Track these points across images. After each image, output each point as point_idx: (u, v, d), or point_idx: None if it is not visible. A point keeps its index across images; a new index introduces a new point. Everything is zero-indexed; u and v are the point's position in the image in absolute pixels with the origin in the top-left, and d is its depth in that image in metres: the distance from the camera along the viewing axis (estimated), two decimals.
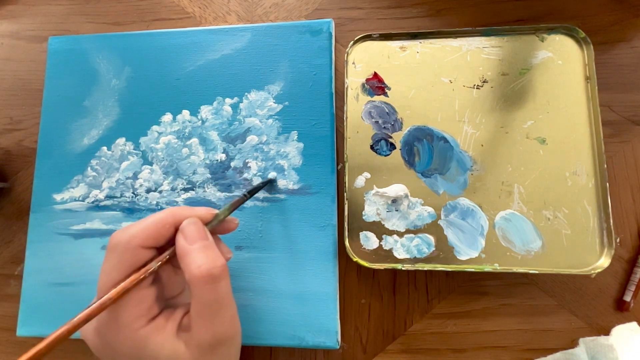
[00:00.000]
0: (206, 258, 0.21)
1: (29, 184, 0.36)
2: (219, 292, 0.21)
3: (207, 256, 0.21)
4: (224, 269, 0.22)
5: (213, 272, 0.21)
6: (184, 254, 0.21)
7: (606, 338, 0.28)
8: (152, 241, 0.22)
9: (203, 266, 0.21)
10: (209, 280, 0.21)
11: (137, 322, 0.21)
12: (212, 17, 0.39)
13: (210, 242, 0.22)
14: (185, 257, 0.21)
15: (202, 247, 0.22)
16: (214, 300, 0.21)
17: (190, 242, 0.22)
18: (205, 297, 0.21)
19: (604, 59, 0.33)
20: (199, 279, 0.21)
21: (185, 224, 0.22)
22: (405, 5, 0.36)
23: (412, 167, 0.32)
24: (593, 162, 0.30)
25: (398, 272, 0.32)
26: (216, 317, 0.21)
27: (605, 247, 0.29)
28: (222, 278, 0.21)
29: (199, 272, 0.21)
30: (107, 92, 0.36)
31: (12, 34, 0.40)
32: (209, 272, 0.21)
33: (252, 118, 0.34)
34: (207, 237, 0.23)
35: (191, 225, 0.22)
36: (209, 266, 0.21)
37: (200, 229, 0.23)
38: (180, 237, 0.22)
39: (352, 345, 0.31)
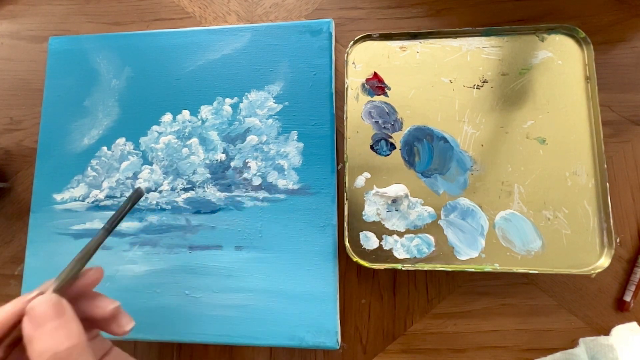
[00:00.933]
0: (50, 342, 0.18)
1: (29, 184, 0.36)
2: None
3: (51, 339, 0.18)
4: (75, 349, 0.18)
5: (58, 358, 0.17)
6: (28, 342, 0.18)
7: (606, 338, 0.28)
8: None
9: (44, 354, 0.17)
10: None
11: None
12: (212, 17, 0.39)
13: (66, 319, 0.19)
14: (29, 345, 0.18)
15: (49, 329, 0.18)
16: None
17: (36, 326, 0.18)
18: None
19: (604, 59, 0.33)
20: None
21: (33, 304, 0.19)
22: (405, 5, 0.36)
23: (412, 167, 0.32)
24: (593, 162, 0.30)
25: (398, 272, 0.32)
26: None
27: (605, 247, 0.29)
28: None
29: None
30: (107, 92, 0.36)
31: (12, 34, 0.40)
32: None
33: (252, 118, 0.34)
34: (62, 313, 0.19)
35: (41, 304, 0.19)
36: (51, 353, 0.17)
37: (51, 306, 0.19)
38: (26, 320, 0.19)
39: (352, 345, 0.31)
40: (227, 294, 0.31)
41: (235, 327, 0.30)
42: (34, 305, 0.19)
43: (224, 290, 0.31)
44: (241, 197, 0.33)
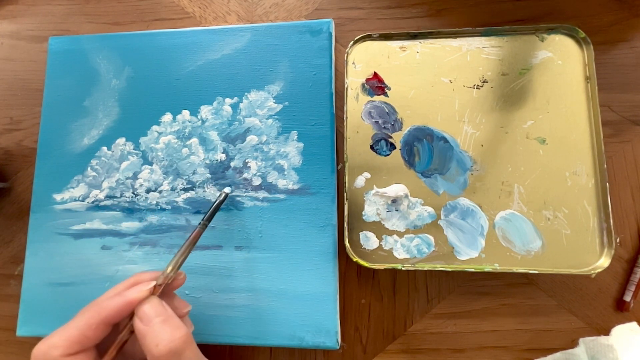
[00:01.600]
0: (164, 334, 0.21)
1: (29, 184, 0.36)
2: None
3: (164, 331, 0.21)
4: (185, 339, 0.21)
5: (172, 347, 0.20)
6: (142, 337, 0.21)
7: (606, 338, 0.28)
8: (78, 346, 0.21)
9: (161, 344, 0.20)
10: (172, 357, 0.20)
11: None
12: (212, 17, 0.39)
13: (169, 315, 0.22)
14: (143, 340, 0.21)
15: (159, 323, 0.21)
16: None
17: (147, 323, 0.21)
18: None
19: (604, 59, 0.33)
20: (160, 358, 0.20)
21: (139, 307, 0.22)
22: (405, 5, 0.36)
23: (412, 167, 0.32)
24: (593, 162, 0.30)
25: (398, 272, 0.32)
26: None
27: (605, 247, 0.29)
28: (184, 349, 0.21)
29: (158, 351, 0.20)
30: (107, 92, 0.36)
31: (12, 34, 0.40)
32: (169, 349, 0.20)
33: (252, 118, 0.34)
34: (165, 310, 0.22)
35: (145, 305, 0.22)
36: (167, 342, 0.20)
37: (155, 305, 0.22)
38: (137, 320, 0.22)
39: (352, 345, 0.31)
40: (227, 294, 0.31)
41: (235, 327, 0.30)
42: (142, 308, 0.22)
43: (224, 290, 0.31)
44: (241, 197, 0.33)
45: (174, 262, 0.24)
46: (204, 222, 0.27)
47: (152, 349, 0.20)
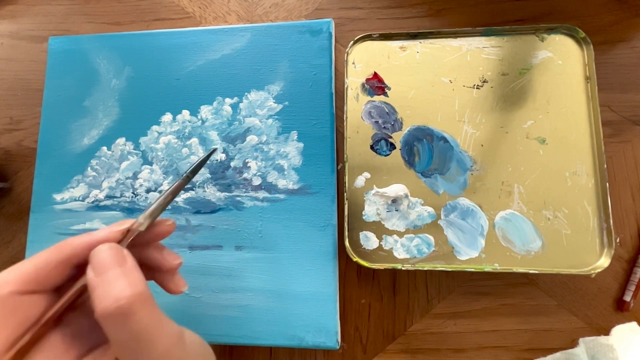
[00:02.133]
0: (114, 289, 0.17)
1: (29, 184, 0.36)
2: (134, 328, 0.17)
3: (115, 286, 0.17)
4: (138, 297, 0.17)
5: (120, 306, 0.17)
6: (91, 289, 0.18)
7: (606, 338, 0.28)
8: (34, 285, 0.18)
9: (105, 300, 0.17)
10: (118, 317, 0.17)
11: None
12: (212, 17, 0.39)
13: (128, 267, 0.18)
14: (92, 293, 0.18)
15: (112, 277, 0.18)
16: (130, 339, 0.17)
17: (98, 273, 0.18)
18: (119, 336, 0.17)
19: (604, 59, 0.33)
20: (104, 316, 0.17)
21: (95, 251, 0.19)
22: (405, 5, 0.36)
23: (412, 167, 0.32)
24: (593, 162, 0.30)
25: (398, 272, 0.32)
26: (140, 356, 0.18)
27: (605, 247, 0.29)
28: (135, 311, 0.17)
29: (102, 307, 0.17)
30: (107, 92, 0.36)
31: (12, 34, 0.40)
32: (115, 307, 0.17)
33: (252, 118, 0.34)
34: (124, 261, 0.18)
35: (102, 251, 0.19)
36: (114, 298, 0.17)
37: (113, 253, 0.19)
38: (89, 269, 0.18)
39: (352, 345, 0.31)
40: (227, 294, 0.31)
41: (235, 327, 0.30)
42: (96, 252, 0.19)
43: (224, 290, 0.31)
44: (241, 197, 0.33)
45: (151, 210, 0.21)
46: (188, 173, 0.24)
47: (95, 304, 0.17)
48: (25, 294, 0.18)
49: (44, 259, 0.19)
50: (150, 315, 0.18)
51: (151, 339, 0.18)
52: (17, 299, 0.18)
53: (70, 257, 0.19)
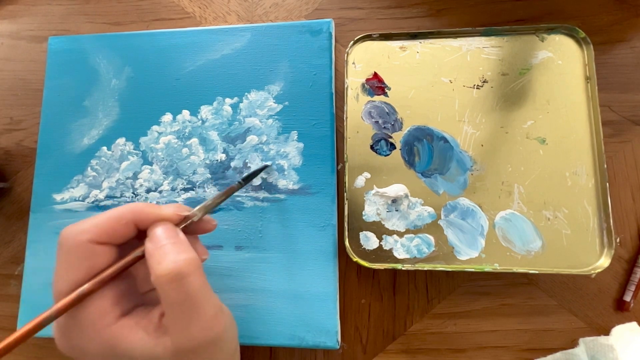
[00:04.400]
0: (168, 255, 0.19)
1: (29, 184, 0.36)
2: (187, 290, 0.19)
3: (170, 252, 0.20)
4: (192, 262, 0.20)
5: (176, 268, 0.19)
6: (149, 256, 0.20)
7: (606, 338, 0.28)
8: (106, 237, 0.20)
9: (163, 264, 0.19)
10: (174, 278, 0.19)
11: (102, 320, 0.19)
12: (212, 17, 0.39)
13: (180, 240, 0.21)
14: (149, 259, 0.20)
15: (164, 245, 0.20)
16: (183, 300, 0.19)
17: (156, 244, 0.20)
18: (173, 297, 0.19)
19: (604, 59, 0.33)
20: (161, 277, 0.19)
21: (155, 228, 0.21)
22: (405, 5, 0.36)
23: (412, 167, 0.32)
24: (593, 162, 0.30)
25: (398, 272, 0.32)
26: (190, 318, 0.19)
27: (605, 247, 0.29)
28: (189, 273, 0.19)
29: (160, 269, 0.19)
30: (107, 92, 0.36)
31: (12, 34, 0.40)
32: (172, 269, 0.19)
33: (252, 118, 0.34)
34: (177, 236, 0.21)
35: (158, 227, 0.21)
36: (171, 261, 0.19)
37: (169, 229, 0.21)
38: (147, 240, 0.21)
39: (352, 345, 0.31)
40: (227, 294, 0.31)
41: None
42: (155, 229, 0.21)
43: (224, 290, 0.31)
44: (241, 197, 0.33)
45: (205, 205, 0.24)
46: (241, 180, 0.28)
47: (154, 267, 0.19)
48: (98, 244, 0.20)
49: (117, 215, 0.21)
50: (201, 281, 0.20)
51: (201, 303, 0.20)
52: (92, 247, 0.20)
53: (139, 221, 0.21)
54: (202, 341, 0.20)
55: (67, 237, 0.20)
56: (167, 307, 0.19)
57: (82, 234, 0.20)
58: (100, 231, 0.20)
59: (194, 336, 0.19)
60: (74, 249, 0.20)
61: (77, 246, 0.19)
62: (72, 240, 0.20)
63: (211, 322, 0.20)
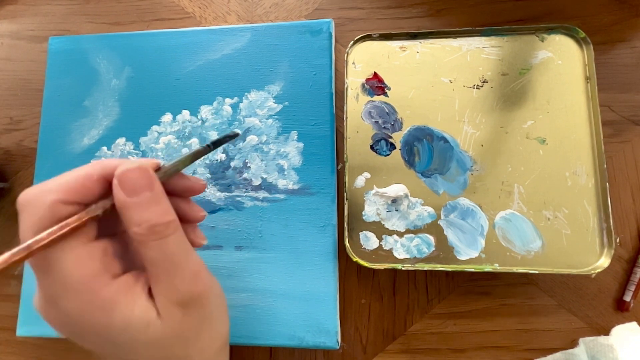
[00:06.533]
0: (148, 214, 0.18)
1: (29, 184, 0.36)
2: (168, 248, 0.19)
3: (149, 212, 0.18)
4: (171, 223, 0.19)
5: (156, 229, 0.18)
6: (122, 207, 0.18)
7: (606, 338, 0.28)
8: (73, 195, 0.18)
9: (144, 224, 0.18)
10: (153, 237, 0.18)
11: (96, 281, 0.18)
12: (212, 17, 0.39)
13: (156, 193, 0.19)
14: (123, 211, 0.18)
15: (142, 200, 0.18)
16: (163, 258, 0.19)
17: (130, 194, 0.18)
18: (153, 255, 0.18)
19: (604, 59, 0.33)
20: (140, 236, 0.18)
21: (123, 170, 0.18)
22: (405, 5, 0.36)
23: (412, 167, 0.32)
24: (593, 162, 0.30)
25: (398, 272, 0.32)
26: (172, 275, 0.19)
27: (605, 247, 0.29)
28: (169, 232, 0.19)
29: (139, 228, 0.18)
30: (107, 92, 0.36)
31: (12, 34, 0.40)
32: (152, 229, 0.18)
33: (252, 118, 0.34)
34: (153, 186, 0.19)
35: (131, 172, 0.18)
36: (151, 222, 0.18)
37: (143, 176, 0.19)
38: (117, 188, 0.18)
39: (352, 345, 0.31)
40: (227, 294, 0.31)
41: (235, 327, 0.30)
42: (124, 172, 0.18)
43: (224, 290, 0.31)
44: (241, 197, 0.33)
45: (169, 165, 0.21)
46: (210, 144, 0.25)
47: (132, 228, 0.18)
48: (67, 204, 0.18)
49: (86, 172, 0.19)
50: (182, 240, 0.19)
51: (183, 262, 0.19)
52: (59, 207, 0.18)
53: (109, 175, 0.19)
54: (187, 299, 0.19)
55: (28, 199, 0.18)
56: (148, 264, 0.19)
57: (46, 193, 0.18)
58: (68, 190, 0.18)
59: (179, 293, 0.19)
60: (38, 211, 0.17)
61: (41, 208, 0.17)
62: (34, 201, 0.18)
63: (193, 280, 0.20)
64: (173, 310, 0.19)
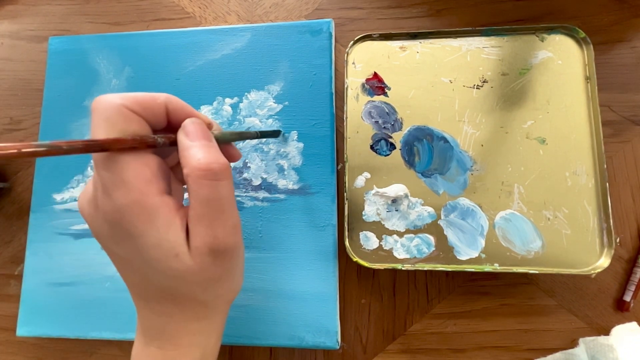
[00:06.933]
0: (207, 154, 0.19)
1: (29, 184, 0.36)
2: (219, 191, 0.19)
3: (208, 152, 0.20)
4: (226, 168, 0.20)
5: (213, 167, 0.19)
6: (184, 149, 0.20)
7: (606, 338, 0.28)
8: (139, 108, 0.19)
9: (202, 159, 0.19)
10: (208, 176, 0.19)
11: (147, 186, 0.19)
12: (212, 17, 0.39)
13: (214, 144, 0.21)
14: (184, 152, 0.20)
15: (204, 144, 0.20)
16: (213, 199, 0.19)
17: (192, 139, 0.20)
18: (204, 194, 0.19)
19: (604, 59, 0.33)
20: (197, 172, 0.19)
21: (188, 122, 0.21)
22: (405, 5, 0.36)
23: (412, 167, 0.32)
24: (593, 162, 0.30)
25: (398, 272, 0.32)
26: (216, 220, 0.19)
27: (605, 247, 0.29)
28: (223, 177, 0.20)
29: (198, 164, 0.19)
30: (107, 92, 0.36)
31: (12, 34, 0.40)
32: (209, 167, 0.19)
33: (252, 118, 0.34)
34: (211, 138, 0.21)
35: (194, 124, 0.21)
36: (209, 161, 0.19)
37: (205, 130, 0.21)
38: (181, 134, 0.20)
39: (352, 345, 0.31)
40: None
41: (235, 327, 0.30)
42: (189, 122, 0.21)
43: None
44: (241, 197, 0.33)
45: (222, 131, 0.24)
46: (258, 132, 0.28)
47: (191, 162, 0.19)
48: (132, 112, 0.19)
49: (152, 94, 0.20)
50: (232, 190, 0.20)
51: (228, 210, 0.20)
52: (126, 111, 0.19)
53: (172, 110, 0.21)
54: (222, 247, 0.20)
55: (100, 101, 0.19)
56: (196, 204, 0.19)
57: (116, 98, 0.19)
58: (135, 101, 0.19)
59: (217, 239, 0.20)
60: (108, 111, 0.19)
61: (111, 108, 0.19)
62: (105, 103, 0.19)
63: (232, 231, 0.20)
64: (204, 254, 0.20)
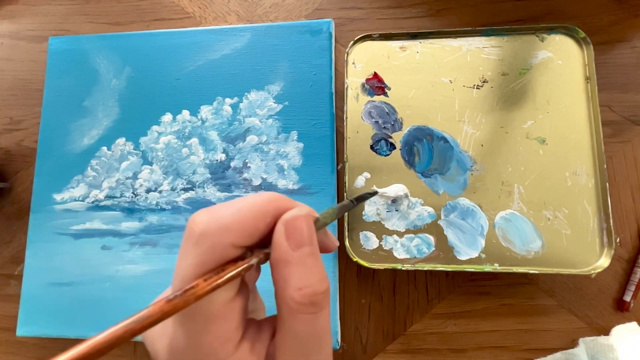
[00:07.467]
0: (310, 276, 0.15)
1: (29, 184, 0.36)
2: (318, 325, 0.15)
3: (311, 274, 0.15)
4: (328, 292, 0.16)
5: (315, 300, 0.15)
6: (284, 263, 0.15)
7: (606, 338, 0.28)
8: (248, 239, 0.15)
9: (305, 289, 0.15)
10: (309, 309, 0.15)
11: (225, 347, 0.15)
12: (212, 17, 0.39)
13: (316, 249, 0.16)
14: (283, 268, 0.15)
15: (307, 256, 0.15)
16: (310, 335, 0.15)
17: (295, 247, 0.15)
18: (301, 330, 0.15)
19: (604, 59, 0.33)
20: (297, 305, 0.15)
21: (293, 218, 0.16)
22: (405, 5, 0.36)
23: (412, 167, 0.32)
24: (593, 162, 0.30)
25: (398, 272, 0.32)
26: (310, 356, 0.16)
27: (605, 247, 0.29)
28: (324, 306, 0.15)
29: (299, 296, 0.15)
30: (107, 92, 0.36)
31: (12, 34, 0.40)
32: (311, 299, 0.15)
33: (252, 118, 0.34)
34: (313, 240, 0.16)
35: (301, 220, 0.16)
36: (313, 290, 0.15)
37: (311, 228, 0.16)
38: (282, 236, 0.15)
39: (352, 345, 0.31)
40: None
41: None
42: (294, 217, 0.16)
43: None
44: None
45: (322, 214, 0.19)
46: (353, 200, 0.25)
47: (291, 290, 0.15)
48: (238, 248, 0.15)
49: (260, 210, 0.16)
50: (329, 313, 0.16)
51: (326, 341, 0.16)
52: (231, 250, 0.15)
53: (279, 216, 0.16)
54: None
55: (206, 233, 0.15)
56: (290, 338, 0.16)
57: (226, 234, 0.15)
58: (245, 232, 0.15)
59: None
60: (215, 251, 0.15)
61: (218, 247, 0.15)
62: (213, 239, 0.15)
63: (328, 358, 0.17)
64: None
